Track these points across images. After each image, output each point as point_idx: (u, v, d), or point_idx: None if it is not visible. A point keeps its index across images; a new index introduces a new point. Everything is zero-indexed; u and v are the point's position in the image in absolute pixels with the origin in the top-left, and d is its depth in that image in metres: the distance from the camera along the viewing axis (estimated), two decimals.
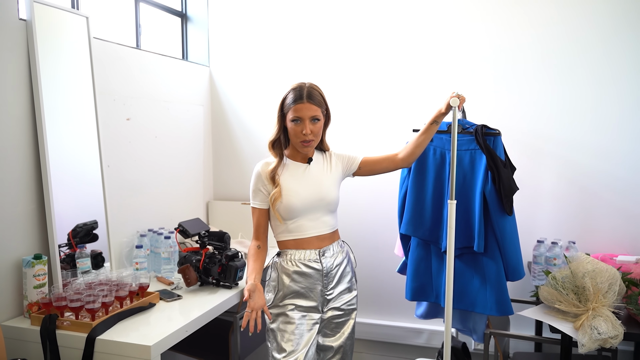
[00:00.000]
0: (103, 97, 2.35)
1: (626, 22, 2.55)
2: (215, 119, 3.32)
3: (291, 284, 1.96)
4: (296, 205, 1.95)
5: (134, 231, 2.57)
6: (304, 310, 1.95)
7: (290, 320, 1.94)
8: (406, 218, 2.10)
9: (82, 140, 2.30)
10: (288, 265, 1.98)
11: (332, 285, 1.99)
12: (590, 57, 2.61)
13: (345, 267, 2.04)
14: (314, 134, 1.92)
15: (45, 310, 1.90)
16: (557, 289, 1.91)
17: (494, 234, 1.93)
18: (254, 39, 3.19)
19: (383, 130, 2.96)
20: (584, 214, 2.69)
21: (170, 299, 2.16)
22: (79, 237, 2.28)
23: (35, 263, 1.94)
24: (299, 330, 1.92)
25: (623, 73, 2.57)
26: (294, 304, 1.96)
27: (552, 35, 2.66)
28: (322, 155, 2.07)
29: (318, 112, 1.92)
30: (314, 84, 1.98)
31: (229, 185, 3.33)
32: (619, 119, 2.60)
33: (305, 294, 1.96)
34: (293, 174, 1.99)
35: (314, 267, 1.96)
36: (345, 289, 2.02)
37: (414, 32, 2.89)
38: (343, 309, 2.01)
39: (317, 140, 1.96)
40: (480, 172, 1.94)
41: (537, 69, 2.70)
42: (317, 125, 1.93)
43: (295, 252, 1.98)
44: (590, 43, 2.61)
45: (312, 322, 1.96)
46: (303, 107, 1.90)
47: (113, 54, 2.46)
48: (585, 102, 2.64)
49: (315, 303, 1.97)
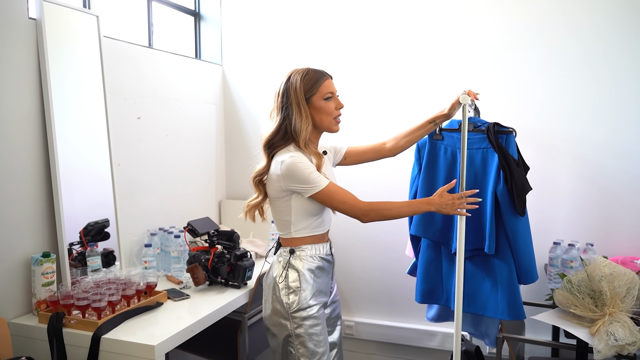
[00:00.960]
0: (113, 96, 2.35)
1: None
2: (228, 118, 3.31)
3: (315, 281, 1.85)
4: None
5: (144, 230, 2.57)
6: (324, 306, 1.93)
7: (318, 321, 1.84)
8: (416, 218, 2.06)
9: (92, 139, 2.30)
10: (309, 262, 1.85)
11: (332, 283, 2.01)
12: (610, 52, 2.53)
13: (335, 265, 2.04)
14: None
15: (53, 308, 1.90)
16: (572, 292, 1.85)
17: (506, 236, 1.87)
18: (267, 37, 3.17)
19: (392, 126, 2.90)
20: (603, 214, 2.60)
21: (178, 298, 2.15)
22: (90, 235, 2.29)
23: (44, 261, 1.95)
24: (325, 329, 1.88)
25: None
26: (318, 303, 1.86)
27: (570, 29, 2.58)
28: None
29: None
30: None
31: (241, 184, 3.32)
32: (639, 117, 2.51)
33: (324, 290, 1.91)
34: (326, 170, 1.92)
35: (329, 260, 1.94)
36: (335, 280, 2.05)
37: (424, 30, 2.84)
38: (335, 300, 2.01)
39: None
40: (492, 171, 1.88)
41: (554, 65, 2.62)
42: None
43: (313, 247, 1.87)
44: (611, 37, 2.52)
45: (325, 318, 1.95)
46: (331, 83, 1.89)
47: (124, 52, 2.46)
48: (605, 99, 2.55)
49: (327, 298, 1.95)
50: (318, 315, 1.84)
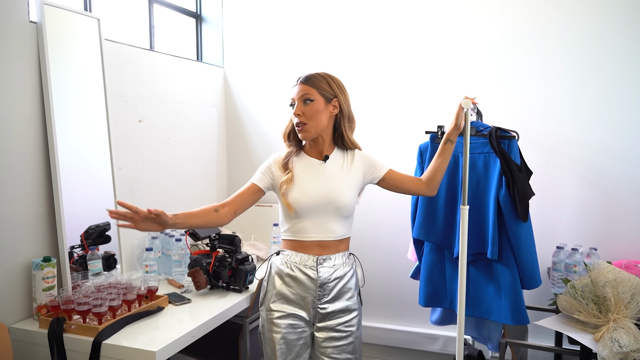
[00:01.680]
0: (114, 99, 2.35)
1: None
2: (230, 120, 3.30)
3: (282, 287, 1.81)
4: (301, 203, 1.78)
5: (145, 233, 2.56)
6: (293, 319, 1.79)
7: (276, 329, 1.79)
8: (418, 222, 2.04)
9: (93, 142, 2.30)
10: (283, 267, 1.82)
11: (327, 299, 1.81)
12: (612, 54, 2.51)
13: (346, 283, 1.83)
14: (305, 115, 1.77)
15: (54, 313, 1.90)
16: (576, 298, 1.83)
17: (509, 241, 1.86)
18: (269, 39, 3.16)
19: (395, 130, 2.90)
20: (606, 218, 2.59)
21: (180, 303, 2.14)
22: (91, 239, 2.29)
23: (45, 265, 1.94)
24: (286, 340, 1.78)
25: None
26: (282, 310, 1.79)
27: (572, 31, 2.57)
28: (343, 154, 1.88)
29: (311, 92, 1.78)
30: (323, 72, 1.86)
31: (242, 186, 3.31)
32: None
33: (296, 301, 1.80)
34: (305, 170, 1.84)
35: (309, 275, 1.79)
36: (343, 308, 1.81)
37: (427, 32, 2.83)
38: (340, 330, 1.80)
39: (312, 124, 1.78)
40: (495, 176, 1.86)
41: (556, 67, 2.61)
42: (310, 107, 1.77)
43: (293, 255, 1.82)
44: (613, 39, 2.51)
45: (301, 333, 1.80)
46: (295, 89, 1.82)
47: (125, 55, 2.46)
48: (608, 102, 2.54)
49: (306, 315, 1.80)
50: (277, 322, 1.79)
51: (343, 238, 1.86)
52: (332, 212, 1.81)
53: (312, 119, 1.78)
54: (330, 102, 1.82)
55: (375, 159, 1.90)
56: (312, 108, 1.78)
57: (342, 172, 1.84)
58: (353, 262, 1.90)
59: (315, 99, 1.79)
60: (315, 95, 1.79)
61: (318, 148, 1.87)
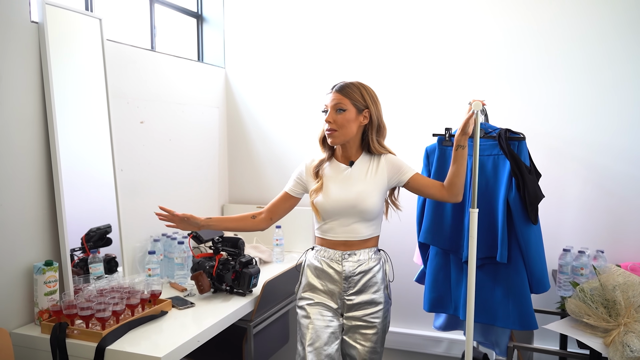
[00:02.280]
0: (116, 100, 2.32)
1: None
2: (231, 121, 3.27)
3: (313, 278, 1.99)
4: (325, 207, 1.94)
5: (147, 236, 2.53)
6: (322, 308, 1.95)
7: (306, 314, 1.96)
8: (425, 226, 2.02)
9: (94, 143, 2.27)
10: (314, 261, 2.00)
11: (352, 291, 1.94)
12: (614, 55, 2.50)
13: (372, 277, 1.93)
14: (336, 123, 1.90)
15: (56, 318, 1.86)
16: (585, 302, 1.81)
17: (518, 244, 1.84)
18: (270, 40, 3.14)
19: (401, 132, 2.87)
20: (612, 220, 2.57)
21: (183, 307, 2.11)
22: (92, 242, 2.25)
23: (46, 270, 1.91)
24: (314, 326, 1.92)
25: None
26: (312, 298, 1.97)
27: (579, 33, 2.55)
28: (370, 159, 1.98)
29: (344, 102, 1.90)
30: (358, 82, 1.97)
31: (244, 188, 3.28)
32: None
33: (325, 292, 1.96)
34: (333, 175, 1.99)
35: (335, 268, 1.95)
36: (368, 301, 1.93)
37: (431, 33, 2.81)
38: (366, 320, 1.93)
39: (342, 132, 1.91)
40: (504, 178, 1.84)
41: (562, 69, 2.59)
42: (342, 116, 1.90)
43: (323, 250, 1.99)
44: (615, 40, 2.49)
45: (330, 321, 1.93)
46: (329, 97, 1.93)
47: (126, 56, 2.43)
48: (613, 103, 2.53)
49: (336, 305, 1.96)
50: (308, 309, 1.96)
51: (369, 237, 1.97)
52: (356, 215, 1.93)
53: (342, 127, 1.91)
54: (362, 113, 1.93)
55: (403, 163, 1.98)
56: (344, 117, 1.90)
57: (367, 176, 1.95)
58: (381, 258, 2.00)
59: (347, 109, 1.90)
60: (348, 105, 1.90)
61: (346, 153, 1.99)
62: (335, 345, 1.92)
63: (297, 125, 3.11)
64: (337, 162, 2.01)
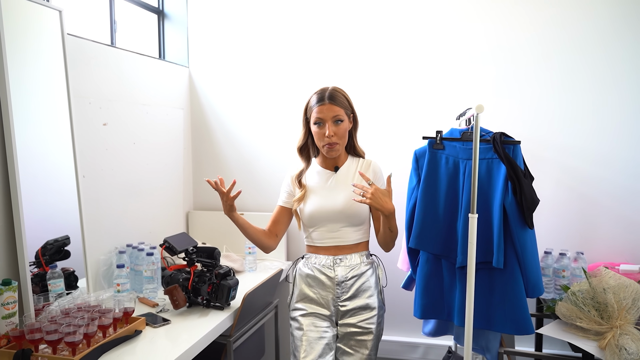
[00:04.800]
0: (78, 100, 2.12)
1: (626, 25, 2.50)
2: (196, 124, 3.10)
3: (305, 287, 1.96)
4: (313, 215, 1.93)
5: (112, 247, 2.34)
6: (315, 317, 1.92)
7: (299, 325, 1.93)
8: (416, 231, 1.96)
9: (54, 147, 2.06)
10: (305, 269, 1.99)
11: (346, 297, 1.92)
12: (590, 61, 2.55)
13: (365, 282, 1.93)
14: (337, 136, 1.88)
15: (17, 344, 1.66)
16: (577, 305, 1.81)
17: (514, 249, 1.81)
18: (237, 38, 3.00)
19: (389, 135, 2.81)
20: (584, 222, 2.62)
21: (158, 325, 1.94)
22: (48, 255, 2.05)
23: (4, 290, 1.70)
24: (307, 338, 1.89)
25: (624, 77, 2.51)
26: (304, 309, 1.94)
27: (552, 38, 2.59)
28: (356, 163, 2.00)
29: (341, 113, 1.88)
30: (338, 87, 1.95)
31: (210, 193, 3.12)
32: (619, 124, 2.54)
33: (318, 300, 1.93)
34: (317, 182, 1.98)
35: (327, 274, 1.92)
36: (363, 306, 1.92)
37: (418, 34, 2.76)
38: (360, 326, 1.90)
39: (342, 143, 1.92)
40: (499, 182, 1.81)
41: (538, 73, 2.62)
42: (341, 127, 1.88)
43: (313, 257, 1.98)
44: (590, 46, 2.55)
45: (324, 331, 1.90)
46: (324, 108, 1.87)
47: (87, 52, 2.23)
48: (586, 107, 2.57)
49: (329, 312, 1.93)
50: (301, 320, 1.93)
51: (359, 242, 1.98)
52: (344, 220, 1.93)
53: (342, 138, 1.91)
54: (350, 118, 1.96)
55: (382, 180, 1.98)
56: (342, 128, 1.90)
57: (353, 181, 1.93)
58: (373, 263, 1.99)
59: (344, 119, 1.90)
60: (343, 115, 1.90)
61: (334, 160, 1.98)
62: (329, 357, 1.87)
63: (268, 128, 2.98)
64: (322, 169, 2.00)
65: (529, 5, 2.61)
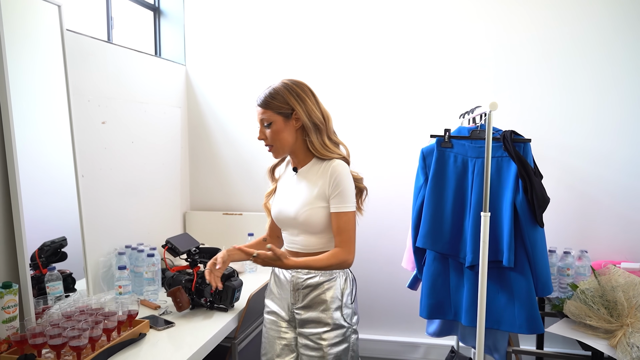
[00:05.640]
0: (77, 98, 2.06)
1: (627, 25, 2.51)
2: (192, 122, 3.06)
3: (272, 284, 1.89)
4: (275, 217, 1.85)
5: (111, 249, 2.29)
6: (275, 316, 1.84)
7: (264, 322, 1.90)
8: (423, 230, 1.95)
9: (53, 146, 2.01)
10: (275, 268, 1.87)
11: (300, 305, 1.76)
12: (591, 60, 2.57)
13: (320, 294, 1.72)
14: (269, 139, 1.75)
15: (18, 349, 1.60)
16: (587, 303, 1.81)
17: (524, 247, 1.80)
18: (234, 36, 2.96)
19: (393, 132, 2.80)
20: (584, 220, 2.64)
21: (162, 327, 1.90)
22: (44, 257, 1.99)
23: (4, 293, 1.64)
24: (267, 336, 1.85)
25: (624, 77, 2.53)
26: (268, 306, 1.88)
27: (553, 37, 2.60)
28: (320, 165, 1.74)
29: (267, 114, 1.73)
30: (283, 82, 1.75)
31: (208, 194, 3.08)
32: (619, 124, 2.56)
33: (279, 300, 1.85)
34: (283, 182, 1.88)
35: (286, 277, 1.81)
36: (315, 319, 1.72)
37: (412, 32, 2.76)
38: (312, 339, 1.72)
39: (279, 146, 1.75)
40: (510, 181, 1.81)
41: (538, 73, 2.63)
42: (271, 130, 1.73)
43: None
44: (590, 46, 2.56)
45: (284, 332, 1.81)
46: (256, 111, 1.78)
47: (85, 48, 2.18)
48: (586, 107, 2.59)
49: (285, 315, 1.82)
50: (265, 316, 1.89)
51: (320, 251, 1.75)
52: (298, 227, 1.78)
53: (275, 141, 1.76)
54: (291, 117, 1.73)
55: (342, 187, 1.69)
56: (272, 130, 1.74)
57: (312, 185, 1.74)
58: (336, 276, 1.74)
59: (273, 121, 1.73)
60: (273, 117, 1.73)
61: (295, 160, 1.83)
62: (290, 358, 1.79)
63: None
64: (290, 168, 1.86)
65: (529, 5, 2.61)
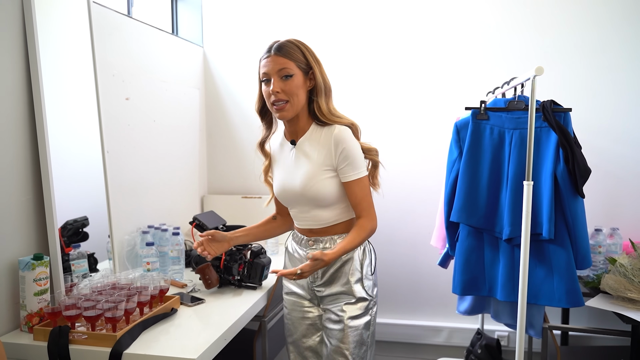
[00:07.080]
0: (103, 71, 2.02)
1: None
2: (210, 105, 3.02)
3: (289, 264, 1.81)
4: (280, 195, 1.72)
5: (134, 228, 2.25)
6: (295, 297, 1.78)
7: (285, 304, 1.83)
8: (458, 204, 1.91)
9: (79, 120, 1.96)
10: (289, 245, 1.82)
11: (320, 282, 1.69)
12: (608, 40, 2.54)
13: (341, 268, 1.65)
14: (285, 92, 1.56)
15: (51, 322, 1.57)
16: (627, 276, 1.79)
17: (564, 219, 1.77)
18: (251, 17, 2.92)
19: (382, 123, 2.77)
20: (608, 199, 2.61)
21: (193, 304, 1.86)
22: (66, 236, 1.95)
23: (36, 265, 1.60)
24: (291, 317, 1.79)
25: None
26: (287, 287, 1.81)
27: (572, 14, 2.57)
28: (319, 132, 1.62)
29: (290, 65, 1.55)
30: (295, 39, 1.61)
31: (226, 177, 3.04)
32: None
33: (298, 281, 1.76)
34: (279, 157, 1.73)
35: (300, 255, 1.73)
36: (336, 293, 1.66)
37: (416, 22, 2.73)
38: (334, 312, 1.66)
39: (293, 102, 1.57)
40: (550, 151, 1.77)
41: (556, 52, 2.60)
42: (290, 83, 1.55)
43: (294, 234, 1.80)
44: (609, 24, 2.54)
45: (307, 312, 1.75)
46: (269, 61, 1.57)
47: (110, 22, 2.13)
48: (610, 86, 2.56)
49: (305, 294, 1.74)
50: (285, 298, 1.82)
51: (335, 223, 1.68)
52: (308, 203, 1.66)
53: (294, 96, 1.57)
54: (308, 76, 1.61)
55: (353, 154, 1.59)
56: (292, 84, 1.56)
57: (315, 155, 1.62)
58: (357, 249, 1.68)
59: (294, 74, 1.57)
60: (294, 69, 1.57)
61: (294, 128, 1.67)
62: (316, 337, 1.74)
63: None
64: (284, 139, 1.72)
65: None
